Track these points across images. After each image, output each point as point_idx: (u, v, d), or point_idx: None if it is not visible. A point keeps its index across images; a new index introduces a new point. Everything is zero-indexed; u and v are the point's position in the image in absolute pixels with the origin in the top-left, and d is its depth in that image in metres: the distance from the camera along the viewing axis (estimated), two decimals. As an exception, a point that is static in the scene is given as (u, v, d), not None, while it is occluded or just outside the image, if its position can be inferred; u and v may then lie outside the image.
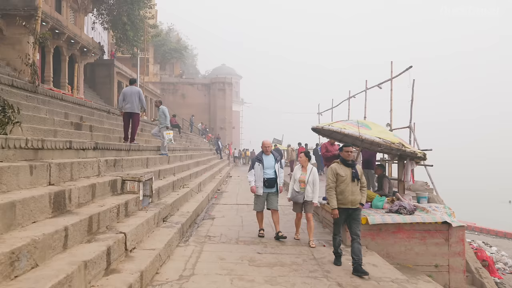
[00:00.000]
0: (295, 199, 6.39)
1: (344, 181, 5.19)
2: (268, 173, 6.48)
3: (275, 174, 6.52)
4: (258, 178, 6.46)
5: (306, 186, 6.21)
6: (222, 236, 6.61)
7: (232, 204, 10.32)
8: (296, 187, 6.32)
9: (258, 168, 6.49)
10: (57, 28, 17.36)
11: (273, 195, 6.57)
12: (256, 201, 6.64)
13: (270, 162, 6.55)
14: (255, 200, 6.65)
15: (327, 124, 7.30)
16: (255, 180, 6.50)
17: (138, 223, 4.91)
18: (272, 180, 6.48)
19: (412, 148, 7.00)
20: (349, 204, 5.18)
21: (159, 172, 8.51)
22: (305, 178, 6.23)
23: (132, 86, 9.35)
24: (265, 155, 6.62)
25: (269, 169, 6.50)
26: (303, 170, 6.36)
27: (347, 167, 5.28)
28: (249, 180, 6.60)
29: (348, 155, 5.29)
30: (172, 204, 7.11)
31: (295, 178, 6.35)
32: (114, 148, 7.14)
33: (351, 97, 18.39)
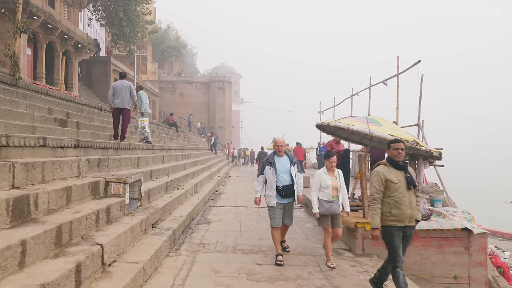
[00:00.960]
0: (329, 211, 5.05)
1: (397, 189, 3.96)
2: (283, 179, 5.24)
3: (292, 180, 5.27)
4: (270, 185, 5.24)
5: (339, 193, 5.11)
6: (218, 243, 5.98)
7: (230, 207, 9.69)
8: (326, 196, 5.07)
9: (269, 173, 5.25)
10: (50, 23, 16.71)
11: (290, 207, 5.40)
12: (271, 215, 5.30)
13: (284, 165, 5.31)
14: (270, 214, 5.34)
15: (334, 121, 6.67)
16: (266, 188, 5.33)
17: (120, 232, 4.28)
18: (289, 188, 5.24)
19: (427, 147, 6.38)
20: (407, 221, 3.95)
21: (151, 172, 7.88)
22: (338, 184, 5.11)
23: (123, 80, 8.73)
24: (277, 156, 5.38)
25: (283, 173, 5.25)
26: (331, 174, 5.19)
27: (398, 170, 4.07)
28: (254, 189, 5.44)
29: (398, 153, 4.06)
30: (164, 208, 6.48)
31: (324, 185, 5.10)
32: (100, 147, 6.51)
33: (354, 94, 17.81)
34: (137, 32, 22.77)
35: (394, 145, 4.14)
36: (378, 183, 4.03)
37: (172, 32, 47.57)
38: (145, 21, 23.61)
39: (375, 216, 4.03)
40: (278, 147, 5.39)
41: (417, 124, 11.14)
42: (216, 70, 56.91)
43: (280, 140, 5.44)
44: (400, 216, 3.94)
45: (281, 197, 5.22)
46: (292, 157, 5.44)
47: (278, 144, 5.40)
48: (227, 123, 42.14)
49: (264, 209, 9.34)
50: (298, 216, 8.48)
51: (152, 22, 24.84)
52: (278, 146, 5.39)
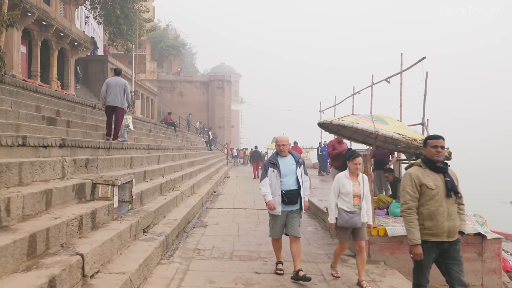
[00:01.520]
0: (348, 224, 4.34)
1: (434, 196, 3.26)
2: (287, 183, 4.54)
3: (298, 184, 4.57)
4: (274, 190, 4.55)
5: (362, 201, 4.39)
6: (214, 249, 5.60)
7: (228, 209, 9.33)
8: (346, 205, 4.36)
9: (272, 176, 4.57)
10: (44, 20, 16.34)
11: (295, 215, 4.61)
12: (272, 224, 4.71)
13: (289, 166, 4.61)
14: (270, 222, 4.73)
15: (337, 119, 6.29)
16: (272, 192, 4.60)
17: (105, 239, 3.91)
18: (293, 193, 4.53)
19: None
20: (444, 236, 3.26)
21: (145, 173, 7.51)
22: (361, 191, 4.38)
23: (117, 77, 8.34)
24: (280, 156, 4.69)
25: (288, 176, 4.56)
26: (354, 179, 4.44)
27: (436, 173, 3.33)
28: (263, 193, 4.64)
29: (437, 152, 3.32)
30: (157, 211, 6.11)
31: (344, 191, 4.39)
32: (89, 146, 6.14)
33: (356, 93, 17.38)
34: (135, 30, 22.40)
35: (432, 142, 3.37)
36: (412, 188, 3.31)
37: (171, 31, 47.21)
38: (142, 19, 23.23)
39: (413, 230, 3.29)
40: (279, 147, 4.68)
41: (422, 123, 10.73)
42: (216, 69, 56.51)
43: (282, 138, 4.72)
44: (435, 230, 3.26)
45: (284, 203, 4.53)
46: (298, 157, 4.74)
47: (280, 143, 4.68)
48: (227, 122, 41.79)
49: (264, 211, 8.99)
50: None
51: (150, 20, 24.45)
52: (279, 146, 4.68)
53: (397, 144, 7.12)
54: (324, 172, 18.75)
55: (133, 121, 14.56)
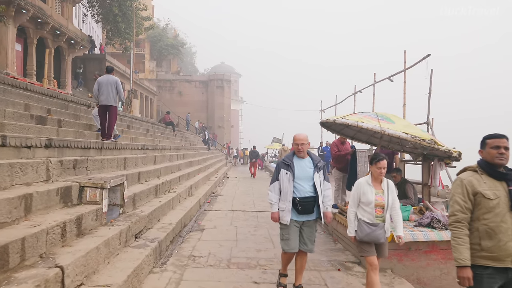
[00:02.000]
0: (369, 237, 3.67)
1: (493, 208, 2.57)
2: (302, 188, 3.91)
3: (314, 191, 3.93)
4: (284, 195, 3.92)
5: (386, 213, 3.72)
6: (210, 255, 5.28)
7: (227, 211, 9.01)
8: (366, 216, 3.73)
9: (285, 178, 3.93)
10: (40, 17, 16.04)
11: (309, 227, 4.00)
12: (284, 235, 3.96)
13: (305, 169, 3.96)
14: (282, 233, 3.99)
15: (340, 117, 5.98)
16: (280, 199, 3.98)
17: (91, 247, 3.59)
18: (309, 201, 3.89)
19: (446, 146, 5.70)
20: (509, 260, 2.54)
21: (139, 174, 7.19)
22: (384, 200, 3.72)
23: (108, 75, 8.06)
24: (297, 157, 4.04)
25: (303, 181, 3.93)
26: (376, 186, 3.78)
27: (496, 181, 2.65)
28: (270, 200, 4.03)
29: (500, 154, 2.62)
30: (150, 215, 5.79)
31: (365, 200, 3.74)
32: (79, 146, 5.83)
33: (357, 92, 17.08)
34: (133, 28, 22.08)
35: (493, 142, 2.67)
36: (463, 197, 2.66)
37: (171, 31, 46.88)
38: (141, 17, 22.90)
39: (461, 248, 2.61)
40: (298, 146, 3.99)
41: (427, 122, 10.42)
42: (216, 69, 56.22)
43: (301, 136, 4.02)
44: (496, 252, 2.54)
45: (298, 212, 3.89)
46: (317, 161, 4.04)
47: (298, 141, 3.99)
48: (226, 122, 41.48)
49: (264, 214, 8.69)
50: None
51: (149, 18, 24.13)
52: (297, 145, 3.99)
53: (404, 144, 6.81)
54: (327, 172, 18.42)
55: (130, 121, 14.27)
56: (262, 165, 30.03)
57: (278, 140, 33.98)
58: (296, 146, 4.04)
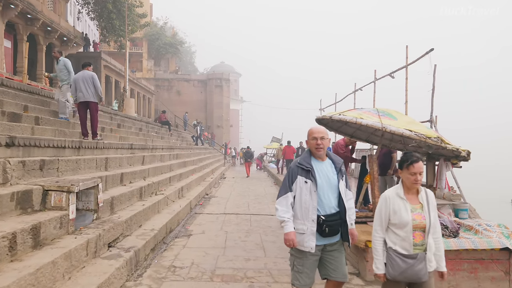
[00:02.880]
0: (406, 276, 2.63)
1: None
2: (327, 202, 2.92)
3: (340, 203, 2.96)
4: (304, 213, 2.90)
5: (427, 237, 2.66)
6: (193, 266, 4.76)
7: (219, 214, 8.49)
8: (401, 245, 2.67)
9: (304, 189, 2.92)
10: (29, 13, 15.56)
11: (337, 251, 2.98)
12: (296, 265, 2.96)
13: (328, 176, 2.97)
14: (296, 264, 2.96)
15: (338, 113, 5.46)
16: (294, 215, 2.95)
17: (45, 262, 3.09)
18: (335, 220, 2.91)
19: (453, 145, 5.19)
20: None
21: (122, 176, 6.68)
22: (426, 219, 2.66)
23: (84, 71, 7.63)
24: (315, 159, 3.02)
25: (326, 192, 2.93)
26: (412, 200, 2.73)
27: None
28: (279, 217, 2.95)
29: None
30: (130, 220, 5.28)
31: (398, 221, 2.68)
32: (51, 145, 5.32)
33: (358, 89, 16.58)
34: (128, 25, 21.57)
35: None
36: None
37: (169, 30, 46.39)
38: (136, 14, 22.41)
39: None
40: (316, 141, 2.95)
41: (430, 120, 9.91)
42: (215, 68, 55.72)
43: (320, 129, 3.06)
44: None
45: (321, 235, 2.88)
46: (339, 163, 3.06)
47: (317, 134, 2.97)
48: (225, 121, 40.96)
49: (258, 217, 8.19)
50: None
51: (144, 16, 23.62)
52: (316, 140, 2.95)
53: (407, 142, 6.29)
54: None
55: (122, 119, 13.77)
56: (261, 165, 29.51)
57: (277, 139, 33.49)
58: (314, 141, 2.95)
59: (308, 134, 3.04)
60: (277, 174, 19.78)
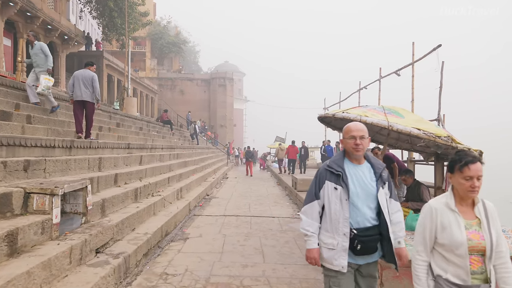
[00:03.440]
0: None
1: None
2: (362, 214, 2.44)
3: (379, 216, 2.46)
4: (334, 225, 2.45)
5: (488, 263, 2.02)
6: (187, 273, 4.48)
7: (218, 216, 8.22)
8: (453, 271, 2.05)
9: (333, 197, 2.46)
10: (29, 11, 15.35)
11: (371, 278, 2.54)
12: (332, 287, 2.48)
13: (364, 181, 2.49)
14: (330, 284, 2.49)
15: (341, 111, 5.16)
16: (323, 228, 2.53)
17: (17, 273, 2.82)
18: (371, 235, 2.43)
19: (465, 145, 4.87)
20: None
21: (116, 176, 6.42)
22: (486, 238, 2.02)
23: (85, 69, 7.48)
24: (350, 162, 2.56)
25: (363, 201, 2.45)
26: (466, 214, 2.10)
27: None
28: (302, 230, 2.55)
29: None
30: (121, 224, 5.01)
31: (448, 240, 2.05)
32: (39, 145, 5.06)
33: (362, 88, 16.23)
34: (130, 24, 21.34)
35: None
36: None
37: (173, 29, 46.18)
38: (138, 12, 22.18)
39: None
40: (355, 141, 2.45)
41: (438, 119, 9.57)
42: (219, 68, 55.49)
43: (360, 126, 2.52)
44: None
45: (355, 252, 2.41)
46: (380, 168, 2.53)
47: (356, 133, 2.46)
48: (228, 121, 40.72)
49: (258, 219, 7.91)
50: (296, 229, 7.00)
51: (146, 14, 23.39)
52: (355, 139, 2.45)
53: (414, 142, 5.98)
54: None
55: (121, 119, 13.53)
56: (264, 165, 29.22)
57: (281, 139, 33.21)
58: (352, 140, 2.45)
59: (344, 132, 2.55)
60: (279, 174, 19.52)
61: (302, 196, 9.87)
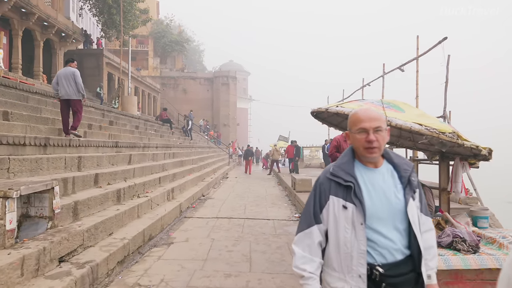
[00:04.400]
0: None
1: None
2: (387, 242, 1.60)
3: (410, 242, 1.63)
4: (345, 261, 1.62)
5: None
6: (162, 284, 4.04)
7: (209, 218, 7.78)
8: None
9: (341, 219, 1.63)
10: (24, 7, 15.04)
11: None
12: None
13: (387, 191, 1.65)
14: None
15: (334, 105, 4.71)
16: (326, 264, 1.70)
17: None
18: (402, 272, 1.60)
19: (473, 142, 4.39)
20: None
21: (97, 176, 6.01)
22: None
23: (67, 67, 7.28)
24: (362, 165, 1.72)
25: (386, 223, 1.62)
26: None
27: None
28: (296, 269, 1.67)
29: None
30: (94, 228, 4.59)
31: None
32: (5, 142, 4.65)
33: (365, 85, 15.73)
34: (129, 21, 21.01)
35: None
36: None
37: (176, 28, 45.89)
38: (138, 9, 21.84)
39: None
40: (366, 138, 1.64)
41: (443, 116, 9.06)
42: (224, 67, 55.13)
43: (373, 114, 1.69)
44: None
45: None
46: (407, 168, 1.74)
47: (368, 124, 1.65)
48: (232, 120, 40.29)
49: (252, 222, 7.43)
50: (290, 232, 6.54)
51: (146, 11, 23.04)
52: (367, 133, 1.64)
53: (416, 139, 5.49)
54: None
55: (116, 117, 13.15)
56: (266, 164, 28.75)
57: (284, 138, 32.69)
58: (363, 135, 1.65)
59: (350, 122, 1.74)
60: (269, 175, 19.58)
61: (301, 197, 9.40)
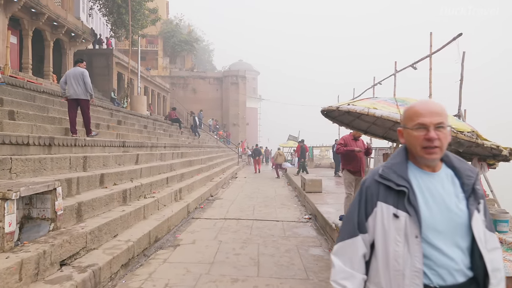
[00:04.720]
0: None
1: None
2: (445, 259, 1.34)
3: (473, 261, 1.36)
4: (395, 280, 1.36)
5: None
6: (166, 289, 3.92)
7: (217, 219, 7.64)
8: None
9: (391, 230, 1.39)
10: (34, 7, 15.10)
11: None
12: None
13: (447, 200, 1.38)
14: None
15: (346, 103, 4.51)
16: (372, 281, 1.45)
17: None
18: None
19: (493, 142, 4.16)
20: None
21: (102, 177, 5.91)
22: None
23: (76, 67, 7.31)
24: (418, 169, 1.45)
25: (446, 237, 1.36)
26: None
27: None
28: (335, 283, 1.44)
29: None
30: (98, 230, 4.48)
31: None
32: (8, 142, 4.56)
33: (377, 84, 15.47)
34: (138, 20, 21.01)
35: None
36: None
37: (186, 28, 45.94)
38: (147, 8, 21.83)
39: None
40: (426, 135, 1.36)
41: (458, 114, 8.80)
42: (233, 66, 55.02)
43: (431, 108, 1.39)
44: None
45: None
46: (470, 175, 1.43)
47: (429, 119, 1.37)
48: (241, 119, 40.18)
49: (260, 223, 7.27)
50: (300, 234, 6.36)
51: (155, 10, 23.02)
52: (427, 129, 1.37)
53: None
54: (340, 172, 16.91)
55: (124, 116, 13.09)
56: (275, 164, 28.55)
57: (293, 138, 32.49)
58: (422, 132, 1.39)
59: (406, 117, 1.46)
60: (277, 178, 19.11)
61: (310, 198, 9.21)
